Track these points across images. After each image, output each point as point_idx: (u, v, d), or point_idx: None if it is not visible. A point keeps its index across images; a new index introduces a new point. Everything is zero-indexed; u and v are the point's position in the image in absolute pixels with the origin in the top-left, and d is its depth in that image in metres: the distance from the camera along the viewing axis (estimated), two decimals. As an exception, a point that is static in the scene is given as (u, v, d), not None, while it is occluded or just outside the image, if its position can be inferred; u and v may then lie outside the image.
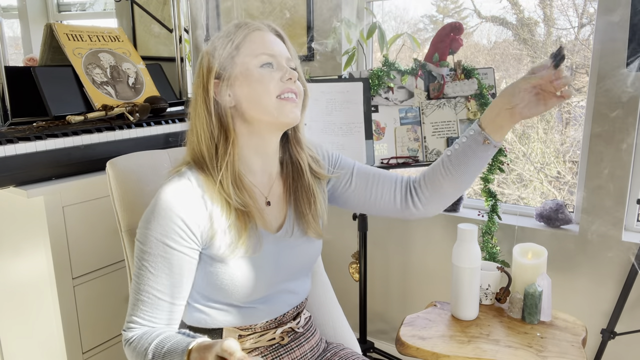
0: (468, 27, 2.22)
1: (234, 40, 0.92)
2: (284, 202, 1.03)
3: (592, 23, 1.90)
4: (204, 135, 0.92)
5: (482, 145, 0.95)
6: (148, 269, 0.89)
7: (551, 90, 0.89)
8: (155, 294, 0.90)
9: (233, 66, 0.91)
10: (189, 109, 0.96)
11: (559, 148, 2.25)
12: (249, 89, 0.91)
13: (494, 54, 2.25)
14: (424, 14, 2.27)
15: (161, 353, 0.83)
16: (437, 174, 1.01)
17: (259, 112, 0.92)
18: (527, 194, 2.40)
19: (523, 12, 2.07)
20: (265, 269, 0.97)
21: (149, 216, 0.89)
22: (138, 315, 0.91)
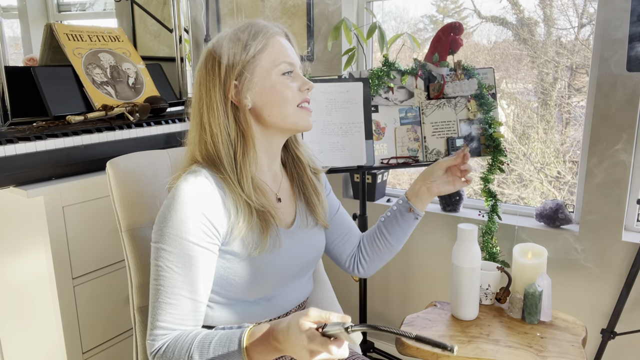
0: (468, 27, 2.22)
1: (255, 45, 0.92)
2: (292, 197, 1.06)
3: (592, 23, 1.90)
4: (221, 136, 0.92)
5: (407, 213, 1.14)
6: (172, 269, 0.87)
7: (458, 175, 1.13)
8: (182, 293, 0.87)
9: (254, 71, 0.92)
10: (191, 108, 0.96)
11: (559, 148, 2.25)
12: (271, 96, 0.93)
13: (494, 54, 2.25)
14: (424, 14, 2.27)
15: (207, 349, 0.81)
16: (374, 237, 1.18)
17: (279, 119, 0.95)
18: (527, 194, 2.40)
19: (523, 12, 2.07)
20: (280, 264, 0.98)
21: (167, 215, 0.88)
22: (164, 320, 0.87)
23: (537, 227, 1.86)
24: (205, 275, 0.90)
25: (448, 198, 2.04)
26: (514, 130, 2.33)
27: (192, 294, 0.88)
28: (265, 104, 0.94)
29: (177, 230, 0.87)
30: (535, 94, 2.20)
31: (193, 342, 0.84)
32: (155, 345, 0.87)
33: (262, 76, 0.93)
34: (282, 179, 1.06)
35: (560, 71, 2.12)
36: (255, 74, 0.92)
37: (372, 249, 1.19)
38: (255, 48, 0.92)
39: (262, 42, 0.93)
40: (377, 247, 1.18)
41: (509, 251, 1.80)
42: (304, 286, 1.09)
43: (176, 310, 0.87)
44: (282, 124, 0.95)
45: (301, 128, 0.97)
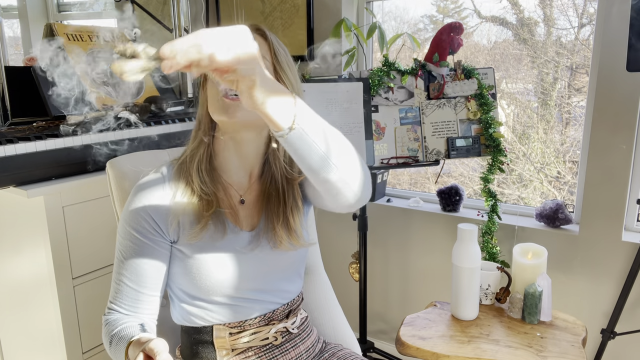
0: (468, 27, 2.22)
1: None
2: (259, 206, 1.01)
3: (592, 23, 1.90)
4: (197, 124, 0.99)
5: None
6: (120, 256, 0.95)
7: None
8: (123, 280, 0.94)
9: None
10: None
11: (559, 148, 2.25)
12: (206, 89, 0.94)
13: (494, 54, 2.25)
14: (424, 14, 2.27)
15: (116, 341, 0.90)
16: None
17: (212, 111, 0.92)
18: (527, 194, 2.40)
19: (523, 12, 2.07)
20: (236, 261, 0.97)
21: (126, 205, 0.96)
22: (111, 299, 0.97)
23: (537, 227, 1.86)
24: (148, 268, 0.94)
25: (448, 198, 2.04)
26: (514, 130, 2.33)
27: (133, 283, 0.94)
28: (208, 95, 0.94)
29: (126, 223, 0.94)
30: (535, 94, 2.20)
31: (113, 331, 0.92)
32: (104, 318, 0.97)
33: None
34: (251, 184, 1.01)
35: (560, 71, 2.12)
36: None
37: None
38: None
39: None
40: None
41: (509, 251, 1.80)
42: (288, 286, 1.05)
43: (118, 294, 0.95)
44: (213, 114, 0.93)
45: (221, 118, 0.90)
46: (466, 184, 2.55)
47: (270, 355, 1.01)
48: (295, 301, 1.08)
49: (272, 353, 1.01)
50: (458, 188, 2.04)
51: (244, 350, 0.99)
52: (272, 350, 1.01)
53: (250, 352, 0.99)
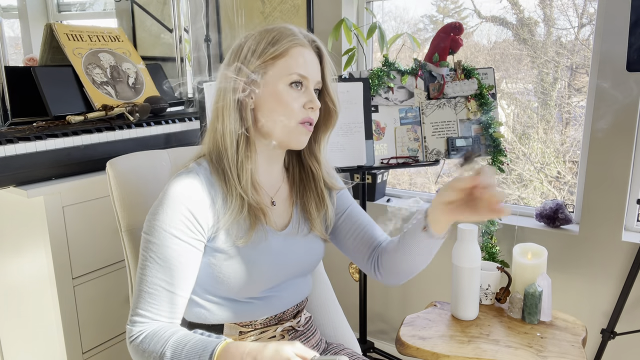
0: (468, 27, 2.22)
1: (275, 49, 0.92)
2: (289, 203, 1.06)
3: (592, 23, 1.90)
4: (229, 128, 0.92)
5: (421, 231, 0.94)
6: (154, 260, 0.90)
7: (483, 198, 0.83)
8: (161, 284, 0.90)
9: (265, 74, 0.92)
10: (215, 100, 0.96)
11: (559, 148, 2.25)
12: (272, 103, 0.92)
13: (494, 54, 2.25)
14: (424, 14, 2.27)
15: (182, 349, 0.83)
16: (392, 246, 1.04)
17: (273, 128, 0.94)
18: (527, 194, 2.40)
19: (523, 12, 2.07)
20: (268, 264, 0.98)
21: (157, 208, 0.91)
22: (142, 308, 0.90)
23: (537, 227, 1.86)
24: (187, 270, 0.91)
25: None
26: (514, 130, 2.33)
27: (171, 286, 0.90)
28: (265, 109, 0.93)
29: (163, 223, 0.89)
30: (535, 94, 2.20)
31: (169, 340, 0.86)
32: (134, 331, 0.90)
33: (270, 81, 0.92)
34: (281, 184, 1.05)
35: (560, 71, 2.12)
36: (266, 78, 0.92)
37: (389, 258, 1.05)
38: (273, 52, 0.91)
39: (282, 48, 0.92)
40: (392, 258, 1.04)
41: (509, 251, 1.80)
42: (300, 287, 1.08)
43: (154, 300, 0.90)
44: (277, 135, 0.94)
45: (292, 145, 0.95)
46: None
47: None
48: (304, 301, 1.11)
49: None
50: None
51: None
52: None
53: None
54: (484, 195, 0.82)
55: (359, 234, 1.10)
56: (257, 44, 0.92)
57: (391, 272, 1.06)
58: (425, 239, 0.95)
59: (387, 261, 1.05)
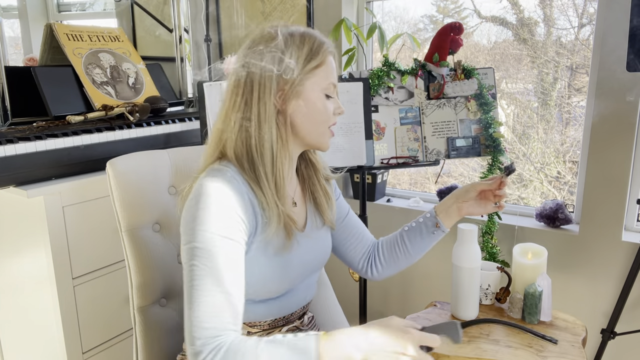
0: (468, 27, 2.22)
1: (316, 60, 0.93)
2: (303, 200, 1.08)
3: (592, 23, 1.90)
4: (267, 135, 0.91)
5: (433, 227, 1.15)
6: (206, 267, 0.82)
7: (491, 199, 1.12)
8: (217, 290, 0.81)
9: (305, 83, 0.93)
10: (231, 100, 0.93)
11: (559, 148, 2.25)
12: (311, 111, 0.94)
13: (494, 54, 2.25)
14: (424, 14, 2.27)
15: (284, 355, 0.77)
16: (394, 244, 1.19)
17: (310, 134, 0.96)
18: (527, 194, 2.40)
19: (523, 12, 2.07)
20: (293, 265, 0.99)
21: (197, 213, 0.85)
22: (207, 321, 0.79)
23: (537, 227, 1.86)
24: (241, 271, 0.86)
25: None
26: (514, 130, 2.33)
27: (229, 291, 0.82)
28: (303, 116, 0.94)
29: (209, 226, 0.84)
30: (535, 94, 2.20)
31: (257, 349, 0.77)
32: (206, 351, 0.78)
33: (310, 90, 0.93)
34: (296, 183, 1.07)
35: (560, 71, 2.12)
36: (305, 87, 0.93)
37: (390, 255, 1.19)
38: (314, 62, 0.93)
39: (321, 58, 0.94)
40: (395, 255, 1.19)
41: (509, 251, 1.80)
42: (311, 287, 1.10)
43: (217, 310, 0.81)
44: (310, 139, 0.97)
45: (322, 147, 1.00)
46: (466, 184, 2.55)
47: None
48: (309, 303, 1.12)
49: None
50: (458, 188, 2.04)
51: None
52: None
53: None
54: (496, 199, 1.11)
55: (359, 235, 1.20)
56: (299, 52, 0.92)
57: (391, 267, 1.19)
58: (436, 234, 1.15)
59: (389, 257, 1.19)
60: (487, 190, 1.12)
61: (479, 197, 1.13)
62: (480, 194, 1.13)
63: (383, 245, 1.21)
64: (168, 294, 1.22)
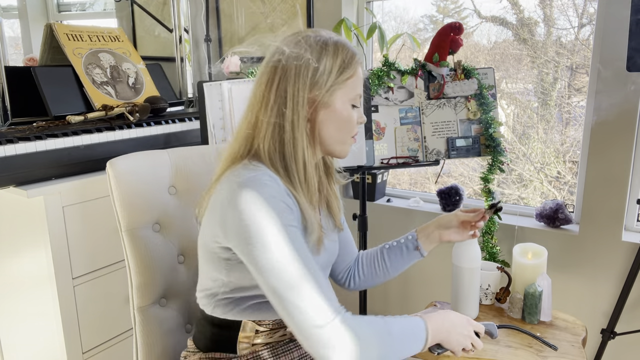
0: (468, 27, 2.22)
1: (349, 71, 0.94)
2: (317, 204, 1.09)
3: (592, 23, 1.90)
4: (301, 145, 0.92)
5: (413, 250, 1.20)
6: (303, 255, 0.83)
7: (468, 228, 1.19)
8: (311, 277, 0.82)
9: (336, 93, 0.94)
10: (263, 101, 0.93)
11: (559, 148, 2.25)
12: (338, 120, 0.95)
13: (494, 54, 2.25)
14: (424, 14, 2.27)
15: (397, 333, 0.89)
16: (374, 260, 1.23)
17: (333, 141, 0.97)
18: (527, 194, 2.40)
19: (523, 12, 2.07)
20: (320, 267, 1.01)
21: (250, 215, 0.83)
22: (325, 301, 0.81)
23: (537, 227, 1.86)
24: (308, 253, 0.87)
25: (448, 198, 2.04)
26: (514, 130, 2.33)
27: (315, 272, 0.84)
28: (330, 125, 0.95)
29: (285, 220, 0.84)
30: (535, 94, 2.20)
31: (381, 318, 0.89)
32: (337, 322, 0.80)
33: (339, 101, 0.95)
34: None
35: (560, 71, 2.12)
36: (335, 97, 0.94)
37: (369, 270, 1.23)
38: (347, 74, 0.94)
39: (352, 70, 0.95)
40: (374, 270, 1.23)
41: (509, 251, 1.80)
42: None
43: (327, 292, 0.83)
44: (334, 147, 0.98)
45: (343, 155, 1.01)
46: (466, 184, 2.55)
47: (285, 348, 1.03)
48: None
49: (287, 346, 1.03)
50: (458, 188, 2.04)
51: (262, 344, 1.00)
52: (287, 344, 1.03)
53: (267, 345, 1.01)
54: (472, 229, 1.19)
55: (349, 248, 1.23)
56: (332, 63, 0.93)
57: (368, 281, 1.24)
58: (414, 257, 1.20)
59: (368, 271, 1.23)
60: (467, 221, 1.18)
61: (459, 226, 1.19)
62: (461, 224, 1.19)
63: (363, 259, 1.24)
64: (168, 294, 1.22)
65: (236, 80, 1.67)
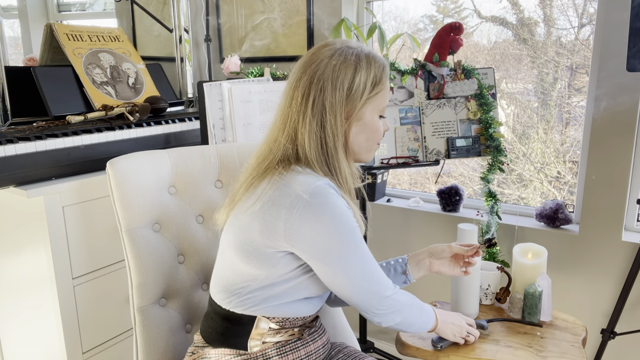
0: (468, 27, 2.22)
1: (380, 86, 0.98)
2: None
3: (592, 23, 1.90)
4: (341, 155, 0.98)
5: (401, 274, 1.20)
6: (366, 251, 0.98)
7: (460, 264, 1.20)
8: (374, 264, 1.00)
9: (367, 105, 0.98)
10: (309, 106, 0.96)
11: (559, 148, 2.25)
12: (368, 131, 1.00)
13: (494, 54, 2.25)
14: (424, 14, 2.27)
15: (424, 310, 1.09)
16: None
17: (362, 150, 1.02)
18: (527, 194, 2.40)
19: (523, 12, 2.07)
20: None
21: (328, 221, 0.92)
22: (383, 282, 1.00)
23: (537, 227, 1.86)
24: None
25: (448, 198, 2.04)
26: (514, 130, 2.33)
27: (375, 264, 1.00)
28: (360, 135, 1.00)
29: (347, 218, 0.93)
30: (535, 94, 2.20)
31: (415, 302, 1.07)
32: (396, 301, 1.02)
33: (370, 113, 0.99)
34: None
35: (560, 71, 2.12)
36: (367, 110, 0.98)
37: None
38: (379, 88, 0.98)
39: (384, 83, 0.99)
40: None
41: (509, 251, 1.80)
42: None
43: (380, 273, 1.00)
44: (362, 155, 1.03)
45: (367, 161, 1.06)
46: (466, 184, 2.55)
47: (293, 347, 1.04)
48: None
49: (294, 344, 1.04)
50: (458, 188, 2.04)
51: (272, 342, 1.01)
52: (295, 342, 1.04)
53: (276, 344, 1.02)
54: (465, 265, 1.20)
55: None
56: (366, 77, 0.96)
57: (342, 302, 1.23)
58: (400, 281, 1.20)
59: None
60: (460, 254, 1.20)
61: (451, 259, 1.20)
62: (453, 256, 1.20)
63: None
64: (168, 294, 1.22)
65: (236, 80, 1.67)
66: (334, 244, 0.93)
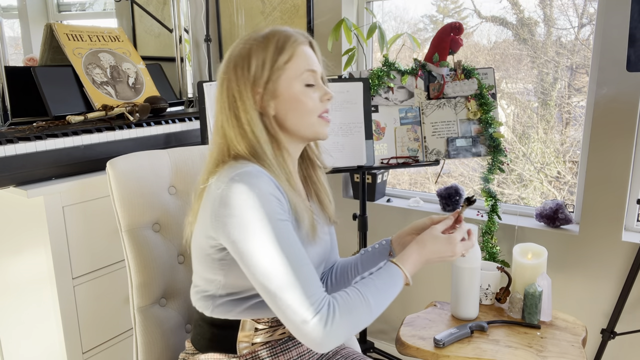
0: (468, 27, 2.22)
1: (282, 57, 0.93)
2: (306, 198, 1.08)
3: (592, 23, 1.90)
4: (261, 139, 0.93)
5: (386, 255, 1.15)
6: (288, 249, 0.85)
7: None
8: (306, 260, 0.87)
9: (278, 81, 0.94)
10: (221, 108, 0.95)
11: (559, 148, 2.25)
12: (293, 106, 0.95)
13: (494, 54, 2.25)
14: (424, 14, 2.27)
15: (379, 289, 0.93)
16: (348, 267, 1.18)
17: (301, 127, 0.96)
18: (527, 194, 2.40)
19: (523, 12, 2.07)
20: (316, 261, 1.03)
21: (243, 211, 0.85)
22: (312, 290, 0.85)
23: (537, 227, 1.86)
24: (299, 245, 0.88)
25: (448, 198, 2.04)
26: (514, 130, 2.33)
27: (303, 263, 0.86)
28: (287, 112, 0.95)
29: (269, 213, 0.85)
30: (535, 94, 2.20)
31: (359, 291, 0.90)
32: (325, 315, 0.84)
33: (285, 86, 0.94)
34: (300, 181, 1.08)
35: (560, 71, 2.12)
36: (280, 84, 0.94)
37: (341, 277, 1.19)
38: (283, 58, 0.94)
39: (288, 52, 0.94)
40: (346, 276, 1.18)
41: (509, 251, 1.80)
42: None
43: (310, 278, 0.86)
44: (303, 132, 0.97)
45: (320, 137, 0.99)
46: (466, 184, 2.55)
47: (284, 347, 1.03)
48: None
49: (285, 345, 1.03)
50: (458, 188, 2.04)
51: (261, 343, 1.00)
52: (286, 342, 1.03)
53: (266, 344, 1.01)
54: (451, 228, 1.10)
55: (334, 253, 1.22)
56: (264, 54, 0.93)
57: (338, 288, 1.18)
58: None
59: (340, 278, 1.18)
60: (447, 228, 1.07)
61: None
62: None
63: (338, 267, 1.21)
64: (168, 294, 1.22)
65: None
66: (241, 234, 0.85)
